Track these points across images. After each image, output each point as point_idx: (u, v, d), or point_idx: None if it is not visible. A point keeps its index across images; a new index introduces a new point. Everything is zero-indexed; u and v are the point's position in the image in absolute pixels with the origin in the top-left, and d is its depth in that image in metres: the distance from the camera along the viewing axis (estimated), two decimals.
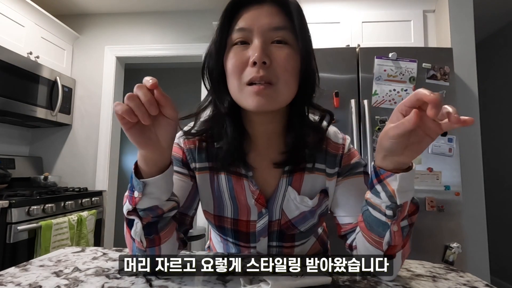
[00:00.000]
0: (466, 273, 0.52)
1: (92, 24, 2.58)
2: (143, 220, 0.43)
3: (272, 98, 0.46)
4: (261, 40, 0.46)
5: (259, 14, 0.47)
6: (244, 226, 0.58)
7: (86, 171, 2.44)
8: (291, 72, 0.47)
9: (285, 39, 0.47)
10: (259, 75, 0.45)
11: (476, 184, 1.77)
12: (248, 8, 0.49)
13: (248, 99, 0.46)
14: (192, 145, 0.57)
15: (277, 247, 0.60)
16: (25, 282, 0.43)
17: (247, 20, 0.47)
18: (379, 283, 0.46)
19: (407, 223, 0.45)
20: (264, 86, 0.45)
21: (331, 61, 1.64)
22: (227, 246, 0.63)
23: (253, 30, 0.47)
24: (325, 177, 0.57)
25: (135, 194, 0.41)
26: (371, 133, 1.57)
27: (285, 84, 0.47)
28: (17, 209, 1.54)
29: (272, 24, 0.47)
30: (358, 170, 0.58)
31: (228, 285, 0.43)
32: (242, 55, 0.47)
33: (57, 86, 2.21)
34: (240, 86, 0.47)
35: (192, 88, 3.28)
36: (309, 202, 0.56)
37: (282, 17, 0.48)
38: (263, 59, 0.45)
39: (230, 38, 0.48)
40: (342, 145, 0.59)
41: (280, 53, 0.46)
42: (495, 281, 2.38)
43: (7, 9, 1.90)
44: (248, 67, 0.46)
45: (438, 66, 1.62)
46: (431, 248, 1.51)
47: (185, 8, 2.51)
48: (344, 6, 2.10)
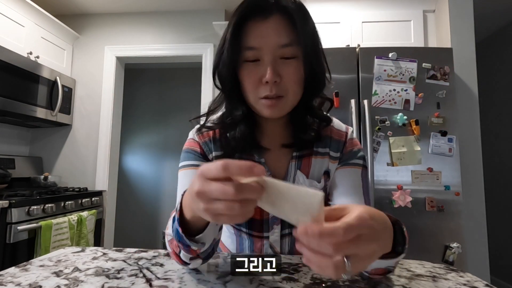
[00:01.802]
0: (466, 273, 0.52)
1: (92, 24, 2.58)
2: (202, 255, 0.45)
3: (283, 109, 0.53)
4: (271, 59, 0.50)
5: (267, 31, 0.50)
6: (258, 214, 0.60)
7: (86, 171, 2.44)
8: (298, 83, 0.53)
9: (292, 54, 0.51)
10: (272, 93, 0.51)
11: (476, 184, 1.77)
12: (255, 21, 0.51)
13: (262, 110, 0.53)
14: (207, 138, 0.62)
15: (289, 235, 0.61)
16: (25, 282, 0.43)
17: (256, 39, 0.50)
18: (379, 283, 0.46)
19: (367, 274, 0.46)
20: (276, 100, 0.52)
21: (331, 61, 1.62)
22: (240, 238, 0.64)
23: (263, 49, 0.50)
24: (329, 160, 0.61)
25: (193, 247, 0.41)
26: (371, 133, 1.57)
27: (293, 95, 0.53)
28: (17, 209, 1.54)
29: (280, 42, 0.50)
30: (357, 160, 0.61)
31: (228, 285, 0.43)
32: (255, 73, 0.51)
33: (57, 86, 2.21)
34: (255, 99, 0.53)
35: (192, 88, 3.29)
36: (318, 185, 0.60)
37: (288, 31, 0.50)
38: (274, 79, 0.50)
39: (241, 54, 0.52)
40: (345, 133, 0.63)
41: (289, 69, 0.51)
42: (495, 281, 2.38)
43: (7, 9, 1.90)
44: (261, 84, 0.51)
45: (438, 66, 1.62)
46: (431, 248, 1.51)
47: (185, 8, 2.51)
48: (344, 6, 2.10)
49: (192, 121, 0.64)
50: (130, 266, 0.51)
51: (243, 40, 0.51)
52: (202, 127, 0.62)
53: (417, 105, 1.60)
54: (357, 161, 0.61)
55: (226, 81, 0.55)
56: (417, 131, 1.57)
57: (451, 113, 1.60)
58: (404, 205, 1.53)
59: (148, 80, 3.64)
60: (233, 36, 0.51)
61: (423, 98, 1.60)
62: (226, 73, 0.53)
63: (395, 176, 1.57)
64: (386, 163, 1.58)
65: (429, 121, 1.59)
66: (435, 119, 1.59)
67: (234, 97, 0.56)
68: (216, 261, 0.55)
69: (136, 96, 3.61)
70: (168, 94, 3.59)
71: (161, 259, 0.56)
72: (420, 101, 1.60)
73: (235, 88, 0.55)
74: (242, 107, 0.56)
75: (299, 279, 0.46)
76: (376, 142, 1.59)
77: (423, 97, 1.60)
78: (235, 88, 0.55)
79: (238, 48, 0.51)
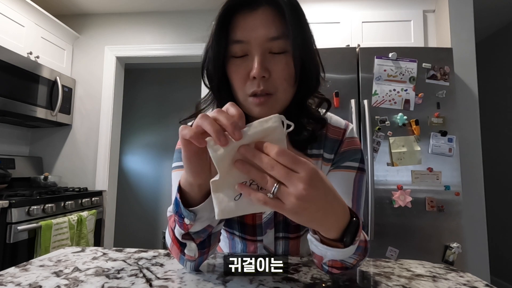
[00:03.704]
0: (466, 273, 0.52)
1: (92, 24, 2.58)
2: (196, 240, 0.45)
3: (272, 107, 0.49)
4: (259, 53, 0.47)
5: (255, 23, 0.47)
6: (250, 219, 0.59)
7: (86, 171, 2.44)
8: (288, 81, 0.49)
9: (282, 48, 0.48)
10: (259, 89, 0.47)
11: (476, 184, 1.77)
12: (242, 13, 0.48)
13: (251, 109, 0.50)
14: None
15: (283, 238, 0.60)
16: (25, 282, 0.43)
17: (244, 32, 0.47)
18: (379, 283, 0.46)
19: (327, 268, 0.45)
20: (264, 98, 0.48)
21: (331, 61, 1.64)
22: (233, 242, 0.64)
23: (251, 42, 0.47)
24: (322, 162, 0.58)
25: (186, 221, 0.42)
26: (371, 133, 1.57)
27: (284, 92, 0.49)
28: (17, 209, 1.54)
29: (268, 35, 0.47)
30: (351, 163, 0.57)
31: (228, 285, 0.43)
32: (242, 68, 0.48)
33: (57, 86, 2.21)
34: (244, 97, 0.50)
35: (192, 88, 3.28)
36: None
37: (278, 23, 0.47)
38: (262, 74, 0.46)
39: (228, 49, 0.48)
40: (344, 130, 0.59)
41: (278, 64, 0.48)
42: (495, 281, 2.38)
43: (7, 9, 1.90)
44: (249, 79, 0.48)
45: (438, 66, 1.62)
46: (431, 248, 1.51)
47: (185, 8, 2.51)
48: (344, 6, 2.10)
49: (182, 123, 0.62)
50: (130, 266, 0.51)
51: (230, 34, 0.48)
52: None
53: (417, 105, 1.60)
54: (350, 164, 0.57)
55: (213, 78, 0.52)
56: (417, 131, 1.57)
57: (451, 113, 1.60)
58: (404, 205, 1.53)
59: (148, 80, 3.64)
60: (219, 30, 0.48)
61: (423, 98, 1.60)
62: (213, 70, 0.51)
63: (395, 176, 1.57)
64: (386, 163, 1.58)
65: (429, 121, 1.59)
66: (435, 119, 1.59)
67: (223, 96, 0.53)
68: (216, 261, 0.55)
69: (136, 96, 3.61)
70: (168, 94, 3.59)
71: (161, 259, 0.56)
72: (420, 101, 1.60)
73: (224, 85, 0.52)
74: None
75: (299, 279, 0.46)
76: (376, 142, 1.59)
77: (423, 97, 1.60)
78: (223, 86, 0.52)
79: (225, 42, 0.48)
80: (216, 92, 0.54)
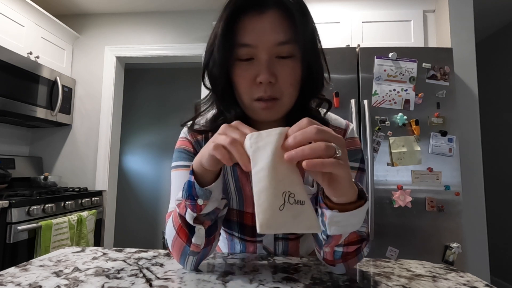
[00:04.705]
0: (466, 273, 0.52)
1: (92, 24, 2.58)
2: (205, 224, 0.45)
3: (278, 111, 0.50)
4: (266, 58, 0.46)
5: (263, 27, 0.46)
6: (250, 220, 0.59)
7: (86, 171, 2.44)
8: (295, 85, 0.49)
9: (290, 52, 0.47)
10: (266, 94, 0.47)
11: (476, 184, 1.77)
12: (249, 16, 0.47)
13: (257, 113, 0.50)
14: (199, 136, 0.59)
15: (282, 239, 0.60)
16: (25, 282, 0.43)
17: (251, 35, 0.46)
18: (379, 283, 0.46)
19: (341, 250, 0.45)
20: (271, 103, 0.48)
21: (331, 61, 1.63)
22: (232, 243, 0.63)
23: (258, 46, 0.46)
24: None
25: (199, 202, 0.42)
26: (371, 133, 1.57)
27: (289, 97, 0.50)
28: (17, 209, 1.54)
29: (277, 40, 0.46)
30: (353, 163, 0.56)
31: (228, 285, 0.43)
32: (248, 72, 0.48)
33: (57, 86, 2.21)
34: (249, 101, 0.49)
35: (192, 88, 3.28)
36: (311, 190, 0.56)
37: (286, 27, 0.46)
38: (269, 79, 0.46)
39: (233, 52, 0.47)
40: (344, 130, 0.59)
41: (285, 68, 0.47)
42: (495, 281, 2.38)
43: (7, 9, 1.90)
44: (255, 84, 0.48)
45: (438, 66, 1.62)
46: (431, 248, 1.51)
47: (185, 8, 2.51)
48: (344, 6, 2.11)
49: (183, 125, 0.61)
50: (130, 266, 0.51)
51: (236, 36, 0.46)
52: (194, 131, 0.58)
53: (417, 105, 1.60)
54: (351, 164, 0.55)
55: (217, 81, 0.51)
56: (417, 131, 1.57)
57: (451, 113, 1.60)
58: (404, 205, 1.53)
59: (148, 80, 3.64)
60: (225, 32, 0.46)
61: (423, 98, 1.60)
62: (217, 73, 0.49)
63: (395, 176, 1.57)
64: (386, 163, 1.58)
65: (429, 121, 1.59)
66: (435, 119, 1.59)
67: (227, 98, 0.52)
68: (216, 261, 0.55)
69: (136, 96, 3.61)
70: (168, 94, 3.59)
71: (161, 259, 0.56)
72: (420, 101, 1.60)
73: (227, 88, 0.51)
74: (236, 109, 0.52)
75: (299, 279, 0.46)
76: (376, 142, 1.59)
77: (423, 97, 1.60)
78: (227, 89, 0.51)
79: (231, 45, 0.47)
80: (219, 95, 0.53)
